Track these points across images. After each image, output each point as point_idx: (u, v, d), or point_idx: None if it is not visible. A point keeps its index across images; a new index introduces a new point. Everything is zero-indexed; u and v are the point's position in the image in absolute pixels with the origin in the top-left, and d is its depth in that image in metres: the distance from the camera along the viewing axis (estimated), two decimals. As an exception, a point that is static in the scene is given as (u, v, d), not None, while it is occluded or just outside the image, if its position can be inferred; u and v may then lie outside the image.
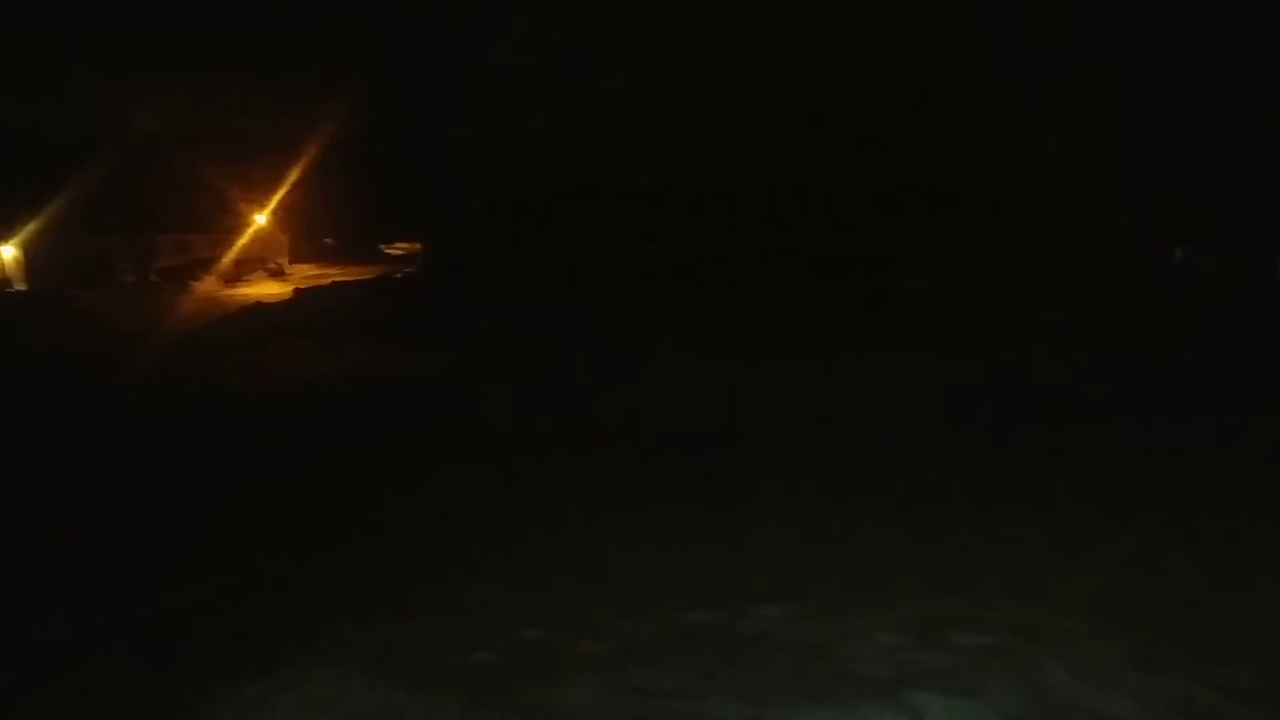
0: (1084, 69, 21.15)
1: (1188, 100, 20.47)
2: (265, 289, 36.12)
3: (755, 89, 22.95)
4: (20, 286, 36.05)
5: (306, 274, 42.66)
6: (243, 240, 42.82)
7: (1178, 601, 5.38)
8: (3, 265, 37.60)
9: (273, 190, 42.07)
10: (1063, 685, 4.25)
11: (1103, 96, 21.21)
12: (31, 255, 36.77)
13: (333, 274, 40.96)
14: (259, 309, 26.88)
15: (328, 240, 51.69)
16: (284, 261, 45.14)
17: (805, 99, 22.67)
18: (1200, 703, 4.06)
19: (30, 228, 35.93)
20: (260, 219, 43.87)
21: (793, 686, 4.34)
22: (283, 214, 44.81)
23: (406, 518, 8.05)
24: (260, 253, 43.74)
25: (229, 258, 41.20)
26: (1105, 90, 21.12)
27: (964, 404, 12.30)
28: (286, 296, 30.25)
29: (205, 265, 39.92)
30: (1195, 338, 16.29)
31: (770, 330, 18.95)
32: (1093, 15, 20.82)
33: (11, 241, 36.88)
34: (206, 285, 37.87)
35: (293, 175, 39.91)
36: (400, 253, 51.38)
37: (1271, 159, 20.57)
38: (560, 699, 4.37)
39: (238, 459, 10.39)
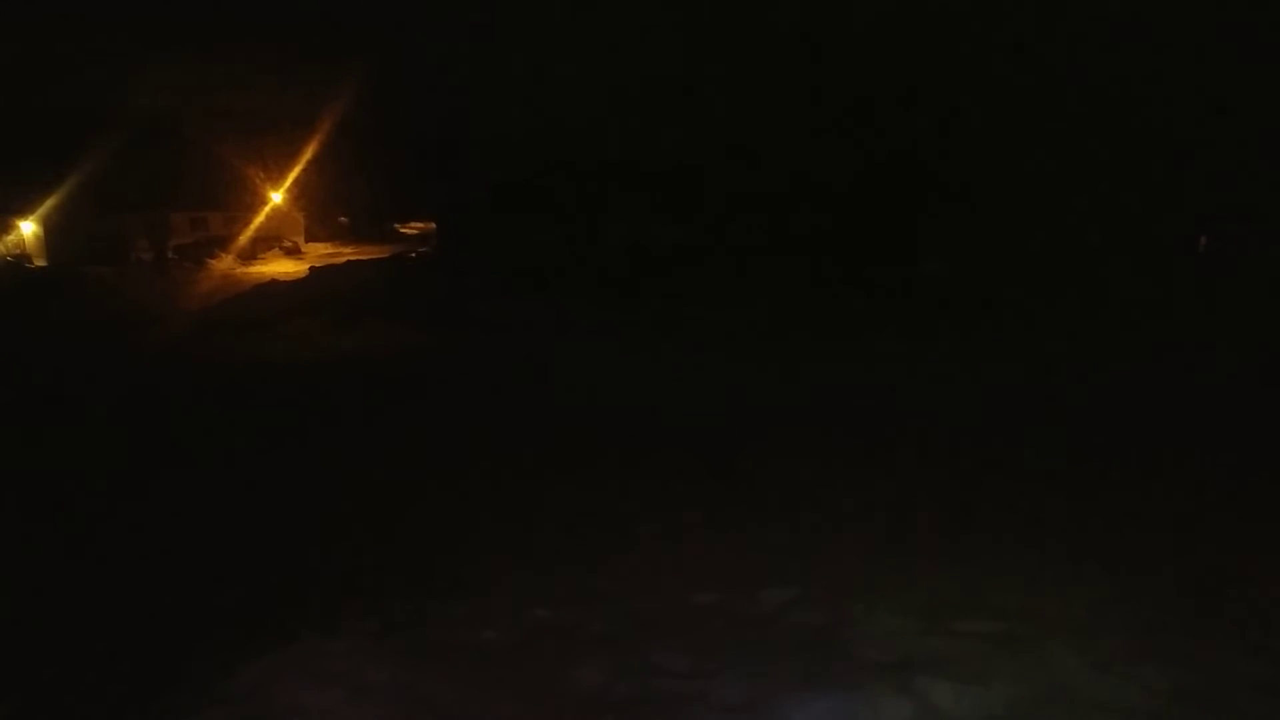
0: (1103, 51, 20.77)
1: (1212, 78, 20.01)
2: (281, 267, 36.27)
3: (760, 71, 22.74)
4: (40, 262, 36.38)
5: (321, 253, 42.80)
6: (258, 218, 42.92)
7: (1184, 594, 5.36)
8: (24, 241, 37.96)
9: (288, 169, 42.15)
10: (1068, 672, 4.25)
11: (1122, 77, 20.82)
12: (51, 231, 37.06)
13: (347, 253, 41.09)
14: (275, 287, 26.99)
15: (342, 219, 51.74)
16: (299, 240, 45.25)
17: (812, 83, 22.45)
18: (1204, 692, 4.06)
19: (49, 204, 36.18)
20: (276, 197, 43.98)
21: (799, 669, 4.37)
22: (298, 192, 44.89)
23: (414, 500, 8.11)
24: (276, 231, 43.84)
25: (245, 236, 41.32)
26: (1124, 70, 20.73)
27: (979, 398, 12.19)
28: (302, 275, 30.35)
29: (221, 243, 40.10)
30: (1219, 330, 15.97)
31: (779, 314, 18.86)
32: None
33: (32, 217, 37.17)
34: (222, 263, 38.06)
35: (308, 154, 39.99)
36: (414, 232, 51.34)
37: None
38: (569, 677, 4.42)
39: (251, 437, 10.48)
